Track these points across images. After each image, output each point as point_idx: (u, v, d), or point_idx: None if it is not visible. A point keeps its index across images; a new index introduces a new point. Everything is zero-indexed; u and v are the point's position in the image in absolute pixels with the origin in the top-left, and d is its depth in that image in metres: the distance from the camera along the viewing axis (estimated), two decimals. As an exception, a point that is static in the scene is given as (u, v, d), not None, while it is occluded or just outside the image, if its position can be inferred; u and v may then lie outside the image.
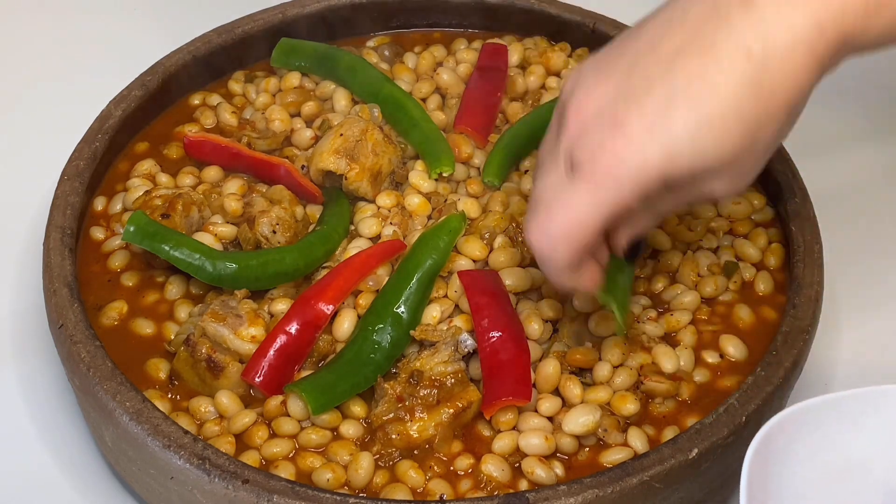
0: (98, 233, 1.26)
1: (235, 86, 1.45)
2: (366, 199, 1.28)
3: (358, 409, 1.10)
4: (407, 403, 1.08)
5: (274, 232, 1.21)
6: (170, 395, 1.12)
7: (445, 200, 1.27)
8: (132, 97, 1.36)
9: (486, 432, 1.09)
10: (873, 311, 1.34)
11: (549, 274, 0.98)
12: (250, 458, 1.06)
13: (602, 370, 1.12)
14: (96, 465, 1.17)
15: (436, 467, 1.07)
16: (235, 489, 0.99)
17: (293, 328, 1.11)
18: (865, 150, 1.54)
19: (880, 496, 0.95)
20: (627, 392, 1.10)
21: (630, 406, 1.09)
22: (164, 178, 1.32)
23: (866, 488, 0.95)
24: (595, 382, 1.12)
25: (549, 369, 1.11)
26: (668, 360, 1.13)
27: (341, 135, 1.27)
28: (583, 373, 1.13)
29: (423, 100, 1.41)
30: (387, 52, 1.50)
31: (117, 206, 1.29)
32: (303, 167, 1.30)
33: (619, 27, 1.49)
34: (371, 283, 1.18)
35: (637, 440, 1.08)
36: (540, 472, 1.05)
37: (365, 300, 1.16)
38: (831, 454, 0.94)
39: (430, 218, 1.27)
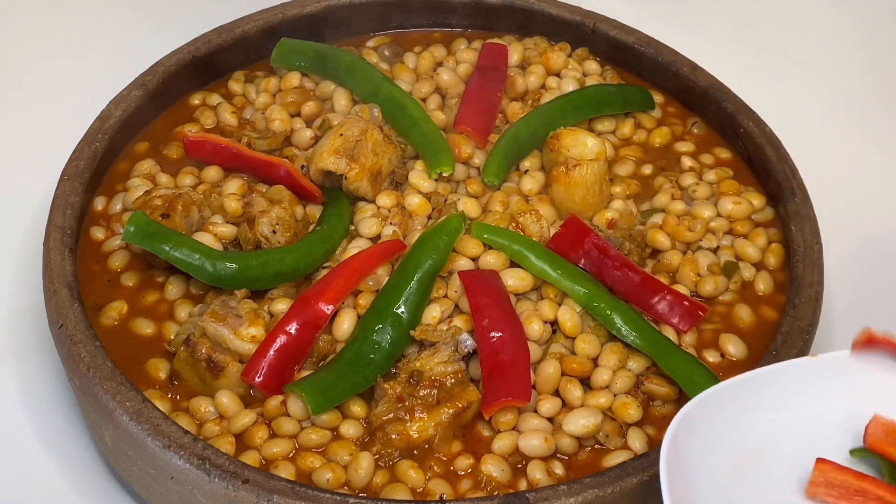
0: (98, 233, 1.26)
1: (235, 86, 1.45)
2: (366, 199, 1.28)
3: (358, 409, 1.10)
4: (407, 403, 1.08)
5: (274, 232, 1.21)
6: (170, 395, 1.12)
7: (445, 200, 1.27)
8: (132, 97, 1.36)
9: (486, 432, 1.10)
10: (873, 310, 1.34)
11: None
12: (250, 458, 1.06)
13: (600, 376, 1.12)
14: (96, 465, 1.17)
15: (436, 467, 1.07)
16: (235, 489, 0.99)
17: (293, 328, 1.11)
18: (865, 150, 1.54)
19: (795, 471, 0.97)
20: (629, 398, 1.10)
21: (633, 412, 1.09)
22: (164, 178, 1.32)
23: (779, 466, 0.97)
24: (594, 388, 1.12)
25: (549, 370, 1.11)
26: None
27: (341, 135, 1.27)
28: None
29: (423, 100, 1.41)
30: (387, 52, 1.50)
31: (117, 206, 1.29)
32: (303, 167, 1.30)
33: (619, 27, 1.49)
34: (371, 283, 1.18)
35: (637, 441, 1.08)
36: (539, 474, 1.05)
37: (365, 300, 1.16)
38: (738, 438, 0.96)
39: (430, 218, 1.27)
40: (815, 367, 1.00)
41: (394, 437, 1.07)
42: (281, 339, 1.11)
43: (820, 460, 0.95)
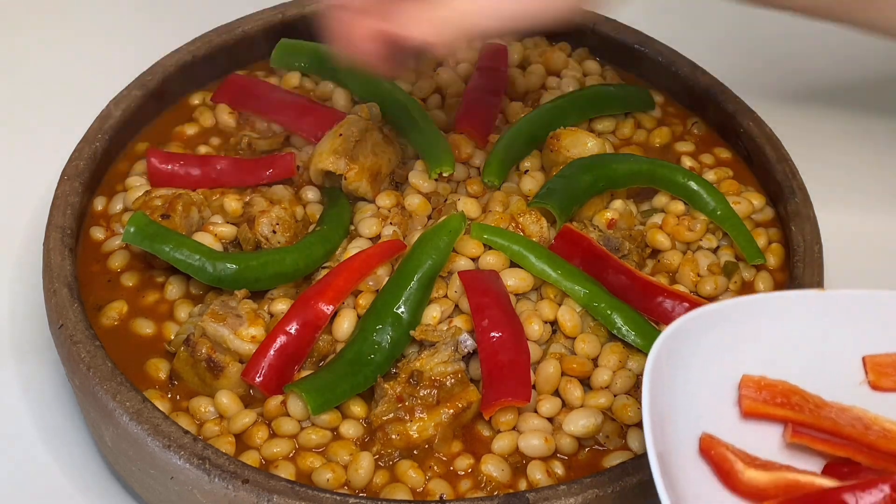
0: (98, 233, 1.26)
1: (235, 86, 1.45)
2: (366, 199, 1.28)
3: (358, 409, 1.10)
4: (407, 403, 1.08)
5: (274, 232, 1.21)
6: (170, 395, 1.12)
7: (445, 200, 1.27)
8: (132, 97, 1.36)
9: (486, 432, 1.09)
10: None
11: None
12: (250, 458, 1.06)
13: (600, 376, 1.12)
14: (96, 465, 1.17)
15: (436, 467, 1.07)
16: (235, 489, 0.99)
17: (293, 328, 1.11)
18: (865, 150, 1.54)
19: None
20: (630, 399, 1.10)
21: (633, 414, 1.09)
22: (163, 178, 1.31)
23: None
24: (594, 388, 1.12)
25: (549, 370, 1.11)
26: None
27: (341, 135, 1.27)
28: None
29: (423, 100, 1.41)
30: (387, 52, 1.50)
31: (117, 206, 1.29)
32: (298, 167, 1.30)
33: (619, 27, 1.49)
34: (371, 283, 1.18)
35: (637, 441, 1.08)
36: (539, 474, 1.05)
37: (365, 300, 1.16)
38: (720, 362, 0.97)
39: (430, 218, 1.27)
40: (815, 301, 1.00)
41: (394, 437, 1.07)
42: (281, 339, 1.11)
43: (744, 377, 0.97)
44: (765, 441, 0.95)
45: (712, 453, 0.91)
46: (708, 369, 0.96)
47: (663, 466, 0.86)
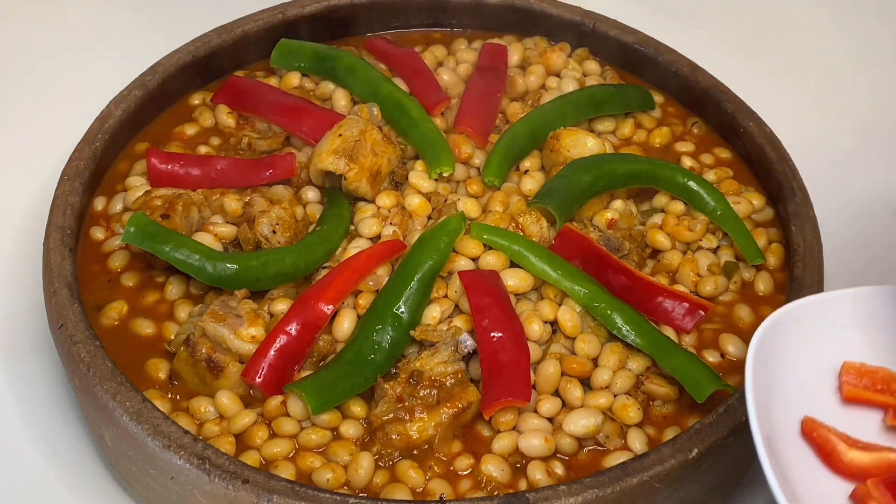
0: (98, 233, 1.26)
1: (235, 86, 1.45)
2: (365, 199, 1.28)
3: (358, 409, 1.10)
4: (407, 404, 1.08)
5: (274, 232, 1.21)
6: (170, 395, 1.12)
7: (445, 200, 1.27)
8: (132, 97, 1.36)
9: (486, 432, 1.10)
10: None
11: None
12: (250, 458, 1.06)
13: (600, 376, 1.12)
14: (96, 466, 1.17)
15: (436, 467, 1.07)
16: (235, 489, 0.99)
17: (293, 328, 1.11)
18: (865, 150, 1.54)
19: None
20: (630, 399, 1.10)
21: (633, 415, 1.09)
22: (164, 178, 1.31)
23: None
24: (594, 388, 1.12)
25: (549, 370, 1.11)
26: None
27: (340, 135, 1.27)
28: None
29: (424, 100, 1.41)
30: (387, 52, 1.50)
31: (117, 206, 1.29)
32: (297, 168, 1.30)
33: (619, 27, 1.49)
34: (371, 283, 1.18)
35: (637, 441, 1.08)
36: (539, 474, 1.05)
37: (365, 300, 1.16)
38: (821, 350, 0.99)
39: (430, 218, 1.27)
40: None
41: (394, 437, 1.07)
42: (281, 339, 1.11)
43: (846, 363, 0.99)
44: (865, 425, 0.97)
45: (814, 435, 0.94)
46: (809, 356, 0.98)
47: (768, 449, 0.88)
